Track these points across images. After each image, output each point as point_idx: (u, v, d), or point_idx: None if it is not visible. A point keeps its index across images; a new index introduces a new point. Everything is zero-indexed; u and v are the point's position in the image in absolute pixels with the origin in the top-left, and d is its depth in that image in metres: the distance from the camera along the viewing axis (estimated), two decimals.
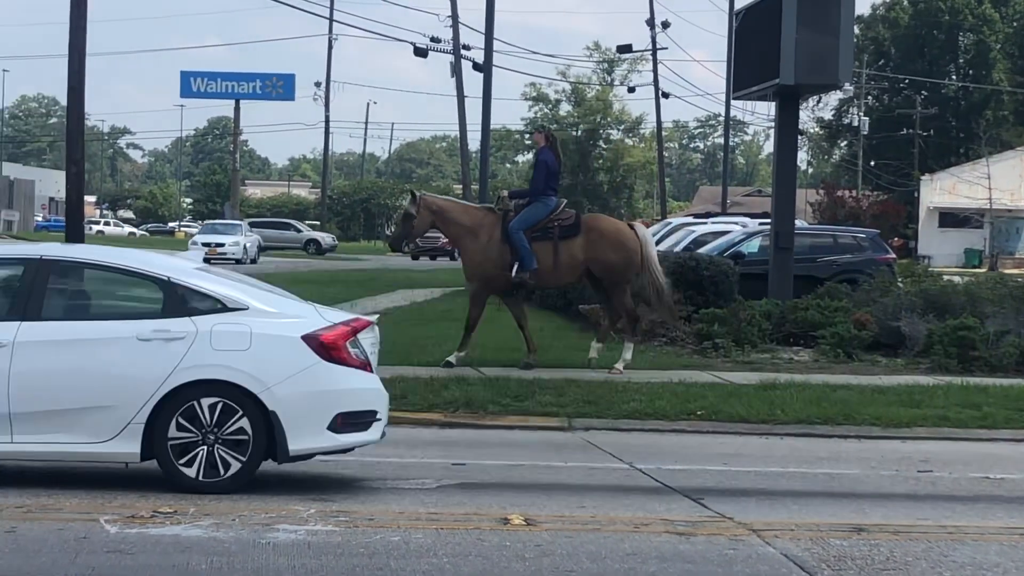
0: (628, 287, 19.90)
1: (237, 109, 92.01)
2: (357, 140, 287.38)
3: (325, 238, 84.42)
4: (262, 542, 9.28)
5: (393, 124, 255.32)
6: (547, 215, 19.60)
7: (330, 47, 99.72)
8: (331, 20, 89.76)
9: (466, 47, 61.76)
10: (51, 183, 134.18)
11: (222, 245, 60.82)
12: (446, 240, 20.44)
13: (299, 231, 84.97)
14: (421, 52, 63.10)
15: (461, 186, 51.46)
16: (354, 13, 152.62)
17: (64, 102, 35.52)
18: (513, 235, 19.37)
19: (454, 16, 62.38)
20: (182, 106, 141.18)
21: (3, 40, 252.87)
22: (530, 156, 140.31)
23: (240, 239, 63.04)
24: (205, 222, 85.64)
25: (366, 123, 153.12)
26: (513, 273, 19.42)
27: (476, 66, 53.53)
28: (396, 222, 20.35)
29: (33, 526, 9.49)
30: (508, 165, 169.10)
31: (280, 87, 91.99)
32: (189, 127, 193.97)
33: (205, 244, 59.85)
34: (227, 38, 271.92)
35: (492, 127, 43.93)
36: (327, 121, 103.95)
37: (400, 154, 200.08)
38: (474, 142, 69.00)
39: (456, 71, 62.14)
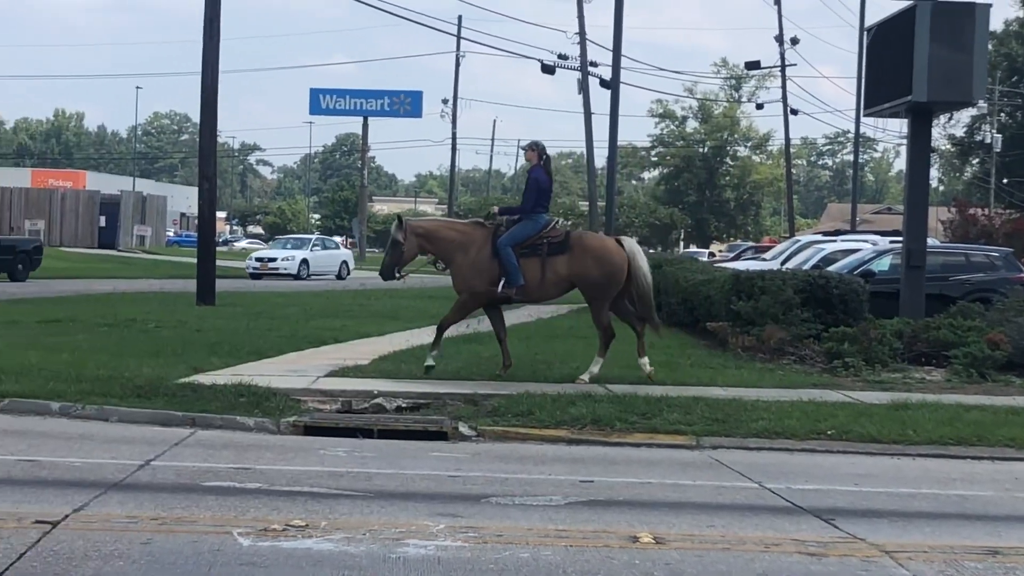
0: (607, 303, 19.89)
1: (365, 126, 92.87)
2: (483, 156, 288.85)
3: None
4: (392, 557, 9.32)
5: (519, 140, 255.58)
6: (537, 232, 19.78)
7: (457, 64, 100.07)
8: (459, 37, 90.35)
9: (593, 64, 61.89)
10: (182, 199, 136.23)
11: (274, 260, 61.35)
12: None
13: None
14: (548, 69, 63.30)
15: (587, 203, 51.35)
16: (482, 31, 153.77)
17: (196, 119, 36.08)
18: (501, 251, 19.56)
19: (581, 33, 62.56)
20: (311, 123, 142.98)
21: (137, 58, 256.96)
22: (655, 173, 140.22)
23: (300, 254, 63.04)
24: (276, 236, 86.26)
25: (492, 139, 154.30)
26: (499, 288, 19.56)
27: (603, 83, 53.64)
28: (385, 251, 20.43)
29: (168, 538, 9.61)
30: (634, 182, 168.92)
31: (408, 104, 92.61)
32: (318, 144, 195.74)
33: (259, 259, 60.39)
34: (355, 55, 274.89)
35: (619, 144, 43.89)
36: (454, 137, 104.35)
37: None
38: (600, 159, 69.02)
39: (583, 88, 62.32)
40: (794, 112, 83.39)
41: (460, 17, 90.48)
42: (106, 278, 56.61)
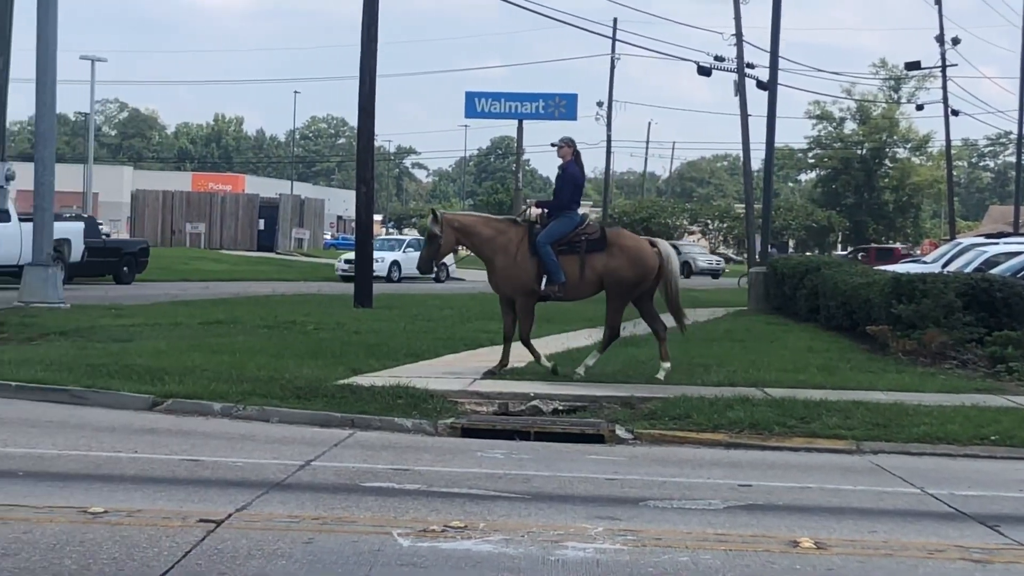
0: (625, 304, 19.91)
1: (520, 129, 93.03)
2: (638, 159, 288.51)
3: None
4: (551, 559, 9.32)
5: (674, 143, 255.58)
6: (573, 229, 19.73)
7: (612, 66, 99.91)
8: (614, 39, 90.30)
9: (750, 65, 61.49)
10: (339, 202, 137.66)
11: None
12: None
13: None
14: (704, 71, 63.02)
15: (744, 205, 51.02)
16: (637, 32, 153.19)
17: (352, 123, 36.48)
18: (541, 248, 19.54)
19: (738, 34, 62.20)
20: (466, 126, 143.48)
21: (295, 63, 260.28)
22: (812, 175, 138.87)
23: (391, 256, 62.71)
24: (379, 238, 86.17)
25: (647, 142, 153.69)
26: (542, 286, 19.53)
27: (760, 84, 53.31)
28: (423, 245, 20.46)
29: (329, 538, 9.70)
30: (791, 184, 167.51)
31: (562, 107, 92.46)
32: (472, 146, 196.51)
33: (347, 261, 60.17)
34: (510, 58, 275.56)
35: (775, 145, 43.56)
36: (608, 140, 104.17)
37: (681, 173, 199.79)
38: (756, 161, 68.54)
39: (740, 90, 61.94)
40: (955, 113, 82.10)
41: (615, 19, 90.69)
42: (264, 280, 57.40)
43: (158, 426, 15.26)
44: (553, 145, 20.28)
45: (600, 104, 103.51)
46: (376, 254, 59.99)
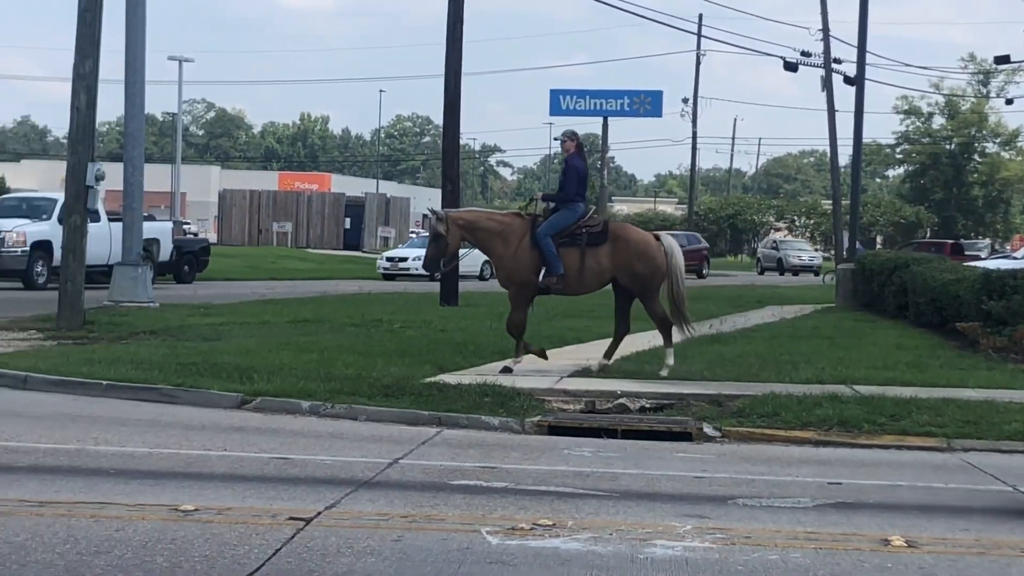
0: (656, 295, 19.74)
1: (605, 126, 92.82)
2: (723, 156, 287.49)
3: None
4: (640, 557, 9.30)
5: (760, 139, 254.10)
6: (575, 221, 19.68)
7: (698, 63, 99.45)
8: (699, 36, 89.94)
9: (837, 60, 60.83)
10: (424, 200, 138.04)
11: (404, 260, 59.87)
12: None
13: None
14: (791, 66, 62.64)
15: (831, 201, 50.66)
16: (722, 28, 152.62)
17: (438, 121, 36.41)
18: (541, 240, 19.51)
19: (825, 30, 61.63)
20: (551, 123, 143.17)
21: (380, 61, 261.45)
22: (900, 170, 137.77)
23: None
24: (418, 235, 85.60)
25: (733, 138, 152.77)
26: (540, 278, 19.48)
27: (847, 79, 52.86)
28: (428, 243, 20.50)
29: (418, 536, 9.72)
30: (878, 180, 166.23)
31: (648, 103, 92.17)
32: (557, 144, 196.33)
33: (389, 259, 59.78)
34: (594, 56, 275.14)
35: (863, 141, 43.23)
36: (694, 137, 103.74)
37: (767, 169, 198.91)
38: (844, 156, 68.02)
39: (827, 85, 61.36)
40: None
41: (701, 15, 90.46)
42: (350, 279, 57.67)
43: (247, 424, 15.37)
44: (556, 139, 20.47)
45: (685, 100, 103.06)
46: (418, 251, 59.28)
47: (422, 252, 61.99)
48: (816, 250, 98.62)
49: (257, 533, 9.62)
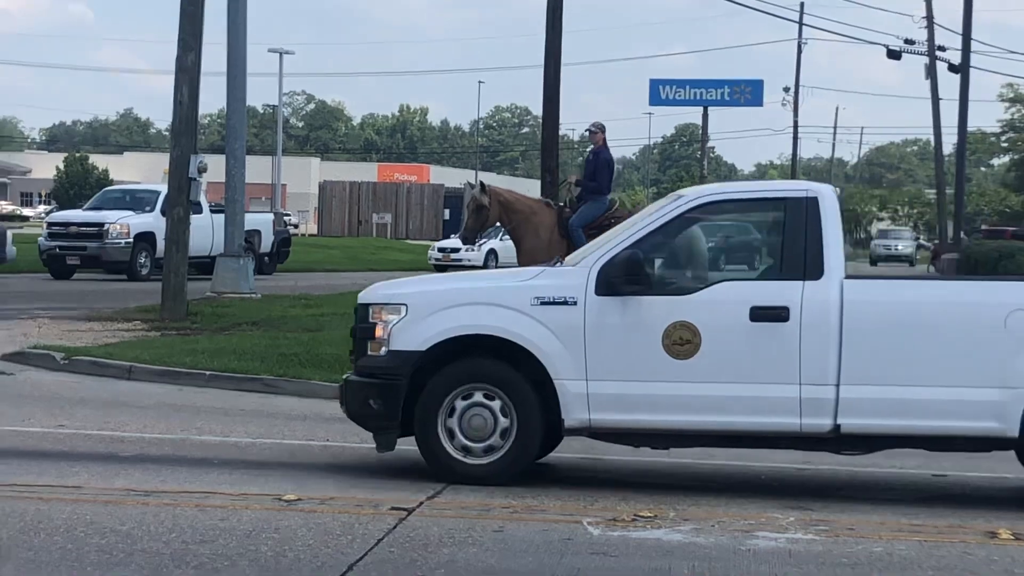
0: None
1: (705, 116, 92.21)
2: (825, 145, 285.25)
3: None
4: (742, 549, 9.25)
5: (863, 128, 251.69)
6: (603, 213, 19.81)
7: (799, 51, 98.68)
8: (800, 24, 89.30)
9: (941, 48, 60.35)
10: (523, 191, 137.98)
11: (457, 251, 59.38)
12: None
13: None
14: (894, 54, 62.08)
15: (935, 191, 50.20)
16: (824, 16, 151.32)
17: (536, 112, 36.55)
18: (573, 232, 19.58)
19: (929, 17, 61.19)
20: (650, 113, 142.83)
21: (479, 52, 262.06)
22: (1006, 159, 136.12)
23: (488, 244, 61.77)
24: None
25: (835, 127, 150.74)
26: None
27: (952, 67, 52.28)
28: (468, 214, 20.41)
29: (519, 526, 9.74)
30: (983, 168, 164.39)
31: (748, 93, 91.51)
32: (656, 134, 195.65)
33: (441, 250, 59.43)
34: (693, 45, 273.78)
35: (967, 129, 42.78)
36: (795, 126, 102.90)
37: (869, 158, 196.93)
38: (948, 145, 67.33)
39: (931, 73, 60.84)
40: None
41: (802, 4, 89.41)
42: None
43: None
44: (586, 131, 20.48)
45: (787, 89, 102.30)
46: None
47: (480, 243, 62.13)
48: (917, 238, 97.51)
49: (360, 523, 9.67)
